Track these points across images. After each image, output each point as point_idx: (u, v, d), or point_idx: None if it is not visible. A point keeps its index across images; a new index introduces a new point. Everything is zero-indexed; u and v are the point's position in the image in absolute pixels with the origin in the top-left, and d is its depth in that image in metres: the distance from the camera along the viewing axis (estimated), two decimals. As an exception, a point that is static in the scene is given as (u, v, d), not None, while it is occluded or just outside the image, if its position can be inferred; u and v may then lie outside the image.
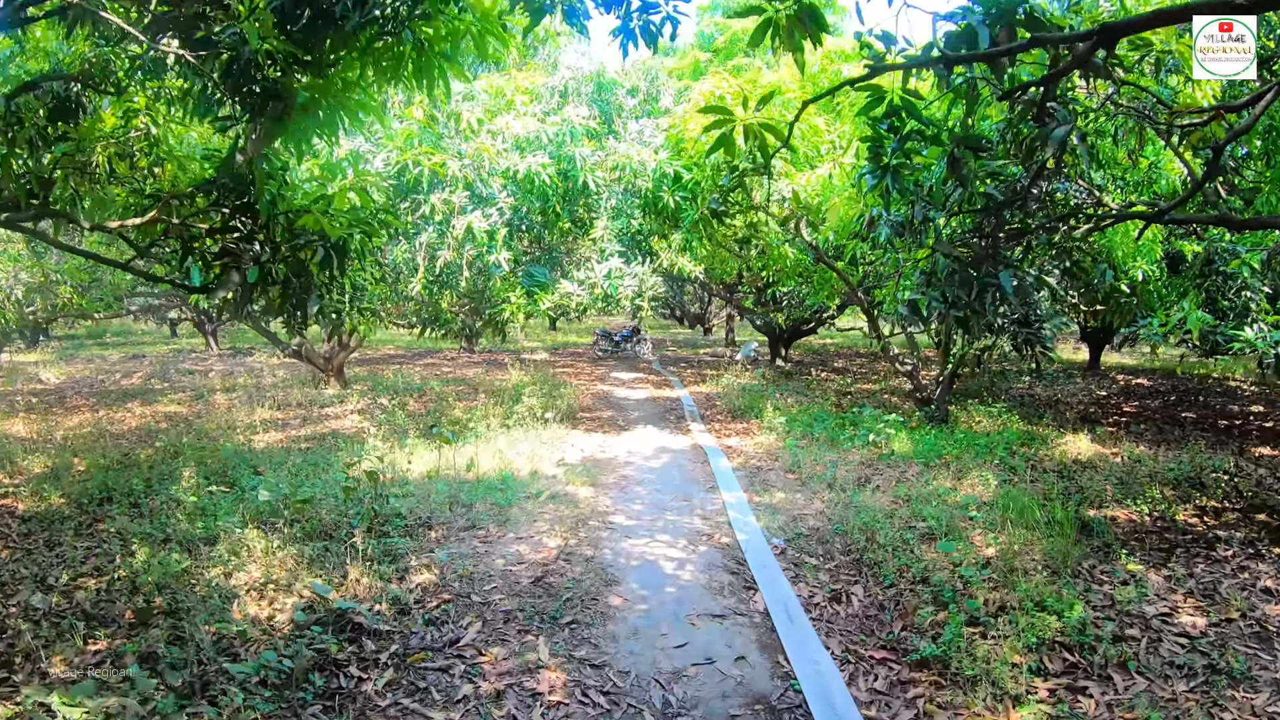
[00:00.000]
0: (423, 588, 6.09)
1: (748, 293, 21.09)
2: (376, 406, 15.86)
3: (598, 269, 10.22)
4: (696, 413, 14.40)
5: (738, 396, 15.79)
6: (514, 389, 16.85)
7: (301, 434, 13.46)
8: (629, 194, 11.00)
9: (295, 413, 15.61)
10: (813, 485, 9.29)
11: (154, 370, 23.25)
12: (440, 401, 15.69)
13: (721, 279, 17.55)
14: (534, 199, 10.24)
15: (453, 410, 14.50)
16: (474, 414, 13.48)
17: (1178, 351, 27.68)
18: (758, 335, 33.40)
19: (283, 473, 9.68)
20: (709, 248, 13.86)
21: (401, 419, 13.76)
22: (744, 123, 4.85)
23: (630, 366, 22.66)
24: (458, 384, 18.64)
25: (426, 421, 13.77)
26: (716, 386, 17.84)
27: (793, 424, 12.74)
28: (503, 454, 10.07)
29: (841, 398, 16.63)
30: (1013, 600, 5.95)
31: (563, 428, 12.25)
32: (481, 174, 9.84)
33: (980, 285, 5.53)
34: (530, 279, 10.65)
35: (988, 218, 5.77)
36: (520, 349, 29.55)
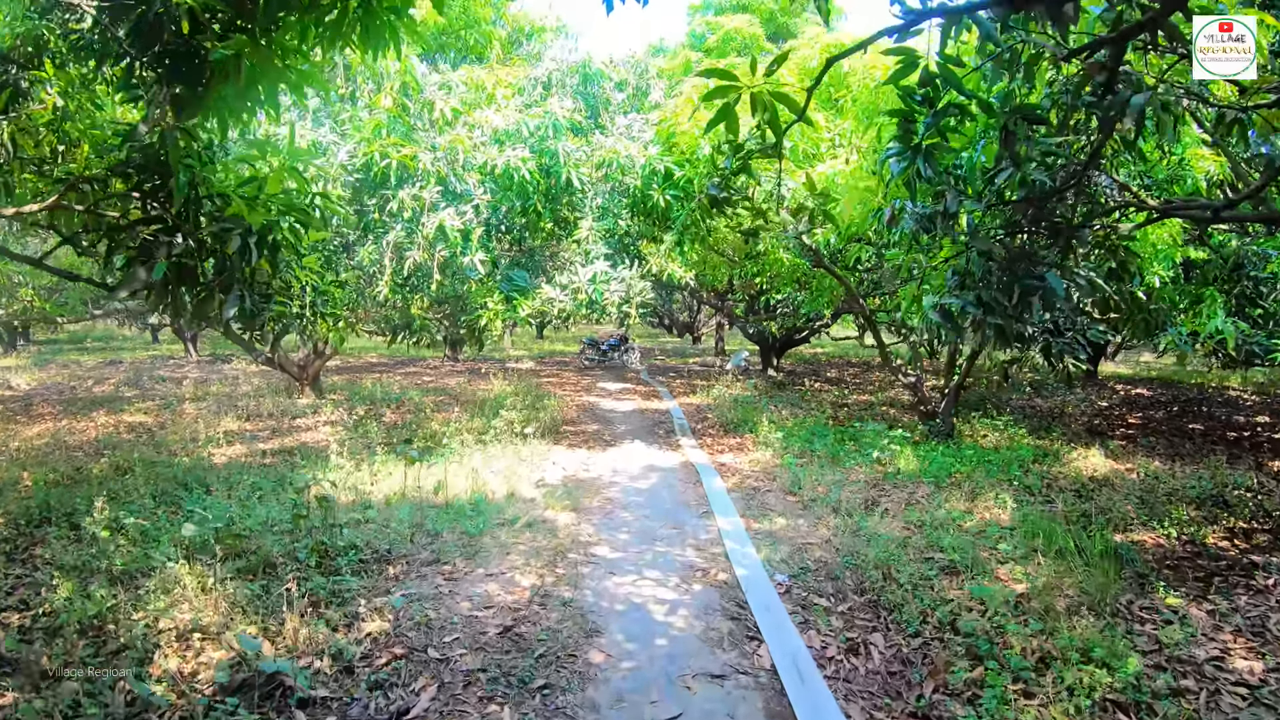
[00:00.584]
0: (373, 638, 5.17)
1: (739, 300, 20.23)
2: (350, 418, 14.93)
3: (582, 273, 9.32)
4: (687, 426, 13.50)
5: (730, 408, 14.91)
6: (495, 400, 15.94)
7: (267, 447, 12.55)
8: (616, 193, 10.13)
9: (264, 424, 14.69)
10: (816, 509, 8.41)
11: (128, 377, 22.24)
12: (418, 413, 14.76)
13: (713, 286, 16.69)
14: (513, 197, 9.35)
15: (429, 423, 13.57)
16: (451, 427, 12.56)
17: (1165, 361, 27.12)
18: (748, 344, 32.60)
19: (237, 492, 8.75)
20: (700, 252, 12.99)
21: (374, 432, 12.82)
22: (752, 89, 3.98)
23: (618, 376, 21.75)
24: (438, 394, 17.71)
25: (400, 435, 12.84)
26: (707, 398, 16.95)
27: (790, 439, 11.87)
28: (477, 473, 9.15)
29: (838, 410, 15.80)
30: (1055, 650, 5.10)
31: (544, 443, 11.33)
32: (456, 168, 8.95)
33: (1022, 288, 4.66)
34: (510, 283, 9.75)
35: (1027, 210, 4.91)
36: (506, 357, 28.62)
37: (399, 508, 7.82)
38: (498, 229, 10.04)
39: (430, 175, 8.61)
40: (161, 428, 14.28)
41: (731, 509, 8.29)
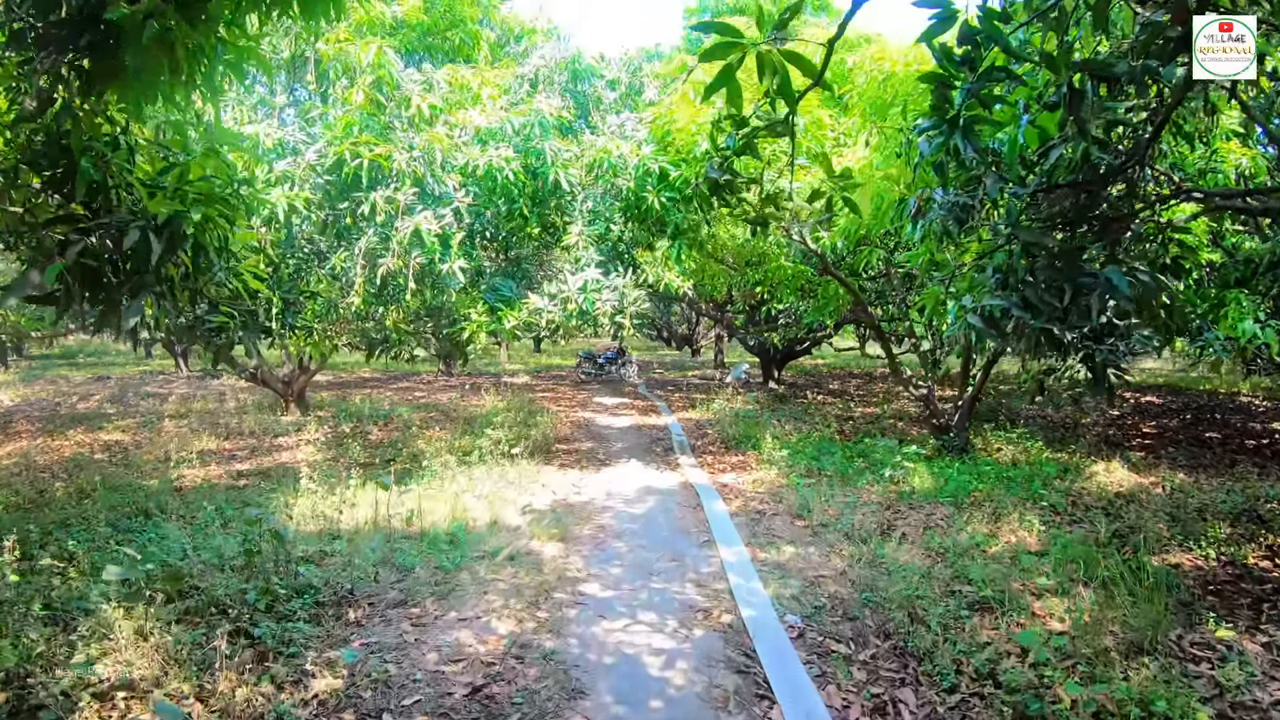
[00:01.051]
0: (320, 700, 4.40)
1: (739, 311, 19.51)
2: (333, 436, 14.19)
3: (571, 281, 8.59)
4: (686, 443, 12.75)
5: (731, 424, 14.15)
6: (487, 416, 15.19)
7: (243, 468, 11.84)
8: (608, 195, 9.42)
9: (244, 442, 13.98)
10: (827, 535, 7.66)
11: (113, 393, 21.53)
12: (405, 431, 14.03)
13: (711, 296, 15.98)
14: (497, 200, 8.64)
15: (415, 441, 12.83)
16: (434, 446, 11.83)
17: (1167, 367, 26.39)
18: (748, 356, 31.84)
19: (199, 519, 8.01)
20: (698, 259, 12.27)
21: (355, 451, 12.08)
22: (759, 47, 3.26)
23: (614, 390, 21.00)
24: (428, 410, 16.97)
25: (383, 454, 12.10)
26: (707, 412, 16.19)
27: (796, 456, 11.12)
28: (459, 498, 8.40)
29: (844, 423, 15.06)
30: (1112, 705, 4.37)
31: (534, 464, 10.57)
32: (434, 169, 8.23)
33: (1074, 287, 3.92)
34: (494, 293, 9.02)
35: (1079, 195, 4.18)
36: (502, 371, 27.89)
37: (369, 539, 7.06)
38: (481, 235, 9.32)
39: (406, 176, 7.89)
40: (138, 446, 13.61)
41: (735, 537, 7.54)
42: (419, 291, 8.26)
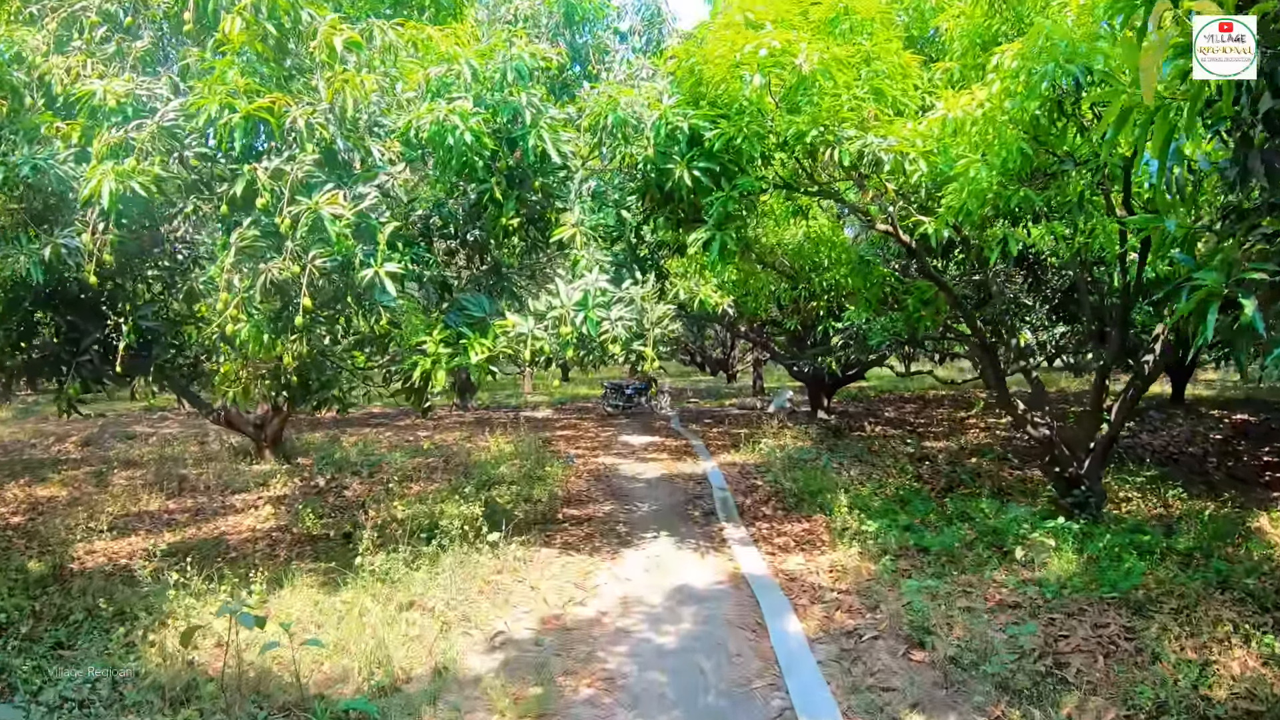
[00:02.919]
0: None
1: (787, 331, 16.39)
2: (305, 491, 11.37)
3: (565, 292, 5.60)
4: (731, 502, 9.64)
5: (785, 470, 11.05)
6: (490, 463, 12.24)
7: (170, 540, 9.13)
8: (617, 172, 6.49)
9: (195, 501, 11.27)
10: (969, 684, 4.57)
11: (92, 434, 18.96)
12: (387, 486, 11.15)
13: (755, 314, 12.94)
14: (453, 176, 5.74)
15: (392, 504, 9.92)
16: (414, 511, 8.91)
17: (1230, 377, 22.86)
18: (788, 380, 28.60)
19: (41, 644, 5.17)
20: (743, 266, 9.24)
21: (310, 521, 9.20)
22: None
23: (644, 426, 17.89)
24: (427, 454, 14.08)
25: (343, 523, 9.20)
26: (753, 453, 13.08)
27: (883, 525, 8.00)
28: (400, 617, 5.43)
29: (920, 465, 11.90)
30: None
31: (527, 544, 7.54)
32: (352, 131, 5.35)
33: None
34: (460, 314, 6.08)
35: None
36: (523, 403, 24.96)
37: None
38: (441, 231, 6.40)
39: (306, 137, 5.01)
40: (70, 505, 11.02)
41: (826, 699, 4.45)
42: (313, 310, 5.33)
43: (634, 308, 5.82)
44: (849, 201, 7.03)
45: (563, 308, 5.65)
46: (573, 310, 5.64)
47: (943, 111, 6.12)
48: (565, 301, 5.64)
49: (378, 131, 5.73)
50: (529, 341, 5.76)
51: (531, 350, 5.76)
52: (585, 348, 5.94)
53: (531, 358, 5.72)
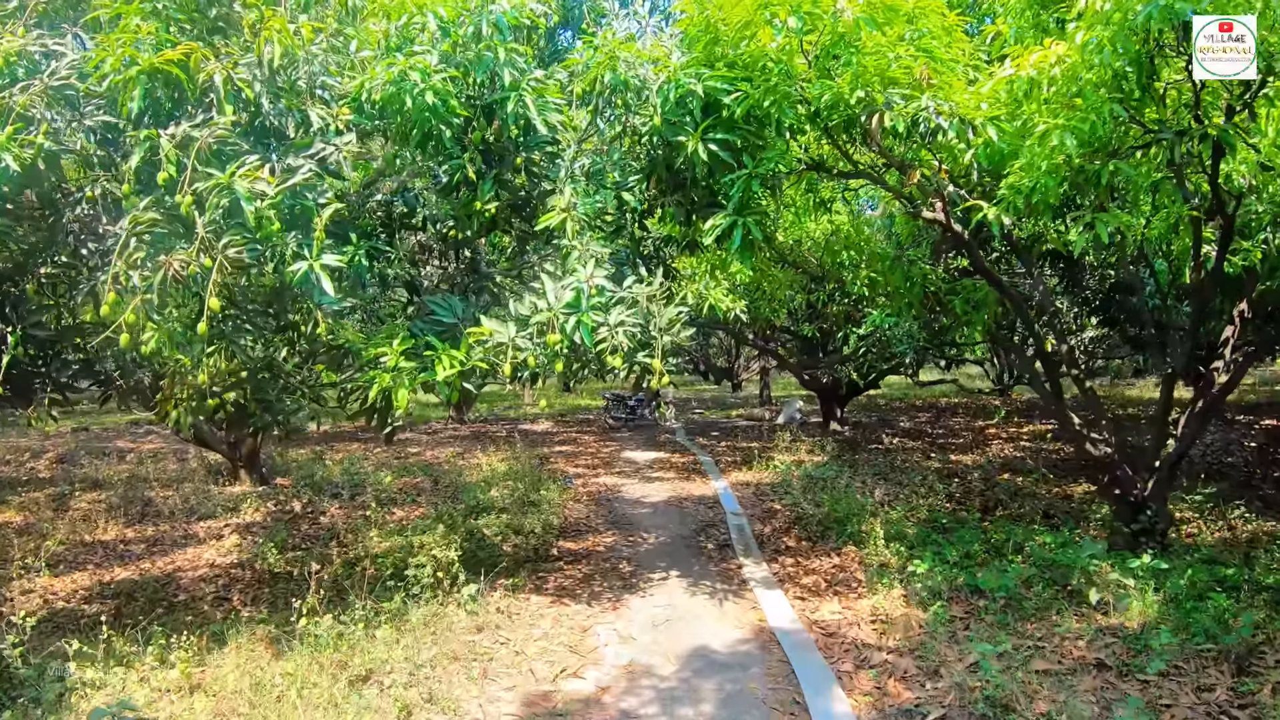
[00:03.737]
0: None
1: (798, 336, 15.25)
2: (277, 517, 10.24)
3: (552, 292, 4.45)
4: (748, 530, 8.48)
5: (805, 491, 9.90)
6: (483, 482, 11.10)
7: (118, 578, 8.09)
8: (616, 146, 5.36)
9: (156, 529, 10.16)
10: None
11: (71, 450, 17.80)
12: (367, 511, 10.00)
13: (768, 320, 11.79)
14: (415, 147, 4.61)
15: (368, 535, 8.78)
16: (389, 545, 7.77)
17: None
18: (796, 389, 27.41)
19: None
20: (760, 265, 8.10)
21: (273, 557, 8.07)
22: None
23: (648, 439, 16.69)
24: (416, 472, 12.94)
25: (310, 559, 8.04)
26: (767, 470, 11.91)
27: (922, 556, 6.84)
28: (346, 701, 4.28)
29: (950, 482, 10.76)
30: None
31: (514, 591, 6.38)
32: (289, 93, 4.23)
33: None
34: (429, 321, 4.95)
35: None
36: (523, 415, 23.77)
37: None
38: (404, 220, 5.27)
39: (225, 97, 3.90)
40: (23, 531, 9.91)
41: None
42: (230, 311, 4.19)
43: (638, 311, 4.68)
44: (892, 186, 5.89)
45: (550, 311, 4.51)
46: (562, 314, 4.49)
47: (1011, 71, 4.99)
48: (552, 303, 4.50)
49: (323, 95, 4.61)
50: (509, 352, 4.62)
51: (512, 363, 4.62)
52: (580, 360, 4.80)
53: (513, 372, 4.57)
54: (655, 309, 4.68)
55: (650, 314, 4.68)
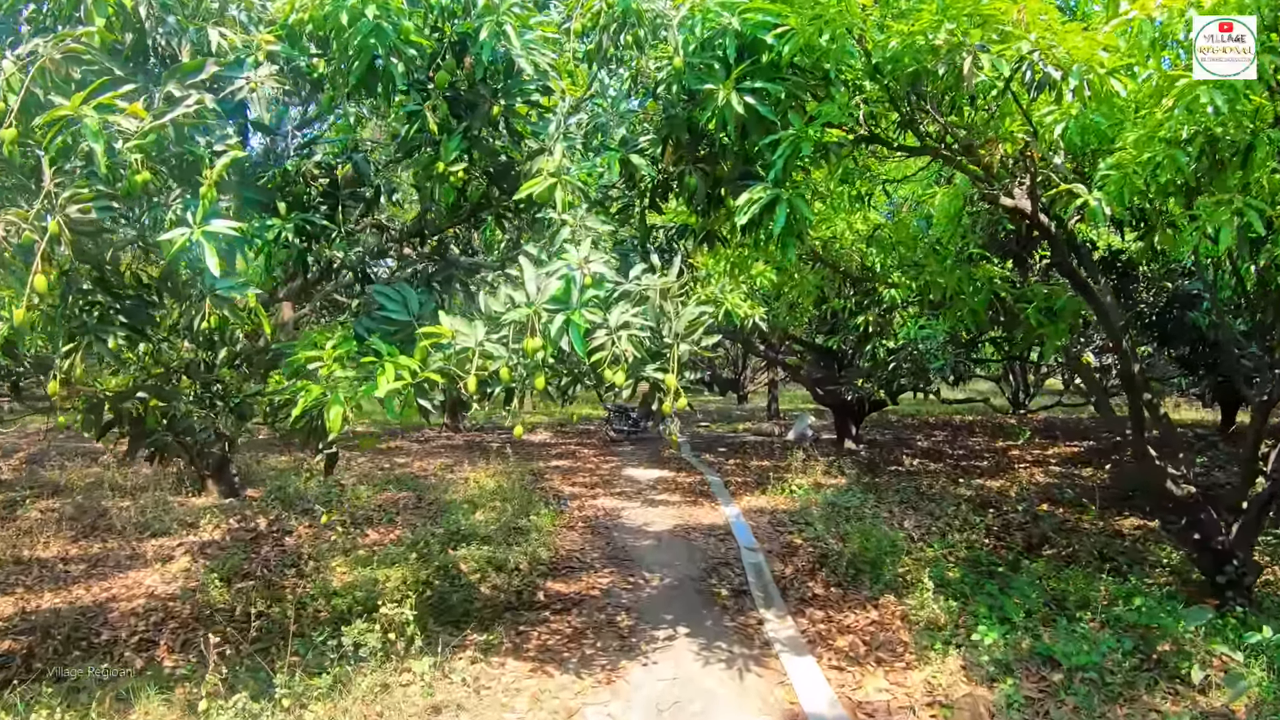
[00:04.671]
0: None
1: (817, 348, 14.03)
2: (235, 535, 9.06)
3: (533, 280, 3.26)
4: (768, 572, 7.22)
5: (828, 522, 8.68)
6: (468, 502, 9.90)
7: (51, 603, 6.97)
8: (620, 100, 4.18)
9: (107, 544, 9.02)
10: None
11: (45, 450, 16.61)
12: (340, 529, 8.81)
13: (786, 328, 10.57)
14: (351, 86, 3.42)
15: (332, 564, 7.60)
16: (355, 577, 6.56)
17: None
18: (804, 404, 26.15)
19: None
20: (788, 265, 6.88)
21: (215, 592, 6.88)
22: None
23: (651, 455, 15.41)
24: (400, 487, 11.74)
25: (258, 597, 6.83)
26: (782, 495, 10.68)
27: (991, 629, 5.60)
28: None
29: (983, 512, 9.55)
30: None
31: (487, 651, 5.15)
32: (184, 8, 3.07)
33: None
34: (380, 319, 3.75)
35: None
36: (527, 424, 22.50)
37: None
38: (352, 189, 4.06)
39: (96, 9, 2.74)
40: (-48, 548, 8.80)
41: None
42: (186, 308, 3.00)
43: (648, 310, 3.47)
44: (963, 164, 4.68)
45: (529, 306, 3.30)
46: (546, 310, 3.28)
47: (1135, 11, 3.79)
48: (533, 295, 3.29)
49: (240, 17, 3.43)
50: (473, 360, 3.41)
51: (479, 375, 3.41)
52: (570, 372, 3.60)
53: (478, 387, 3.37)
54: (671, 308, 3.47)
55: (664, 314, 3.47)
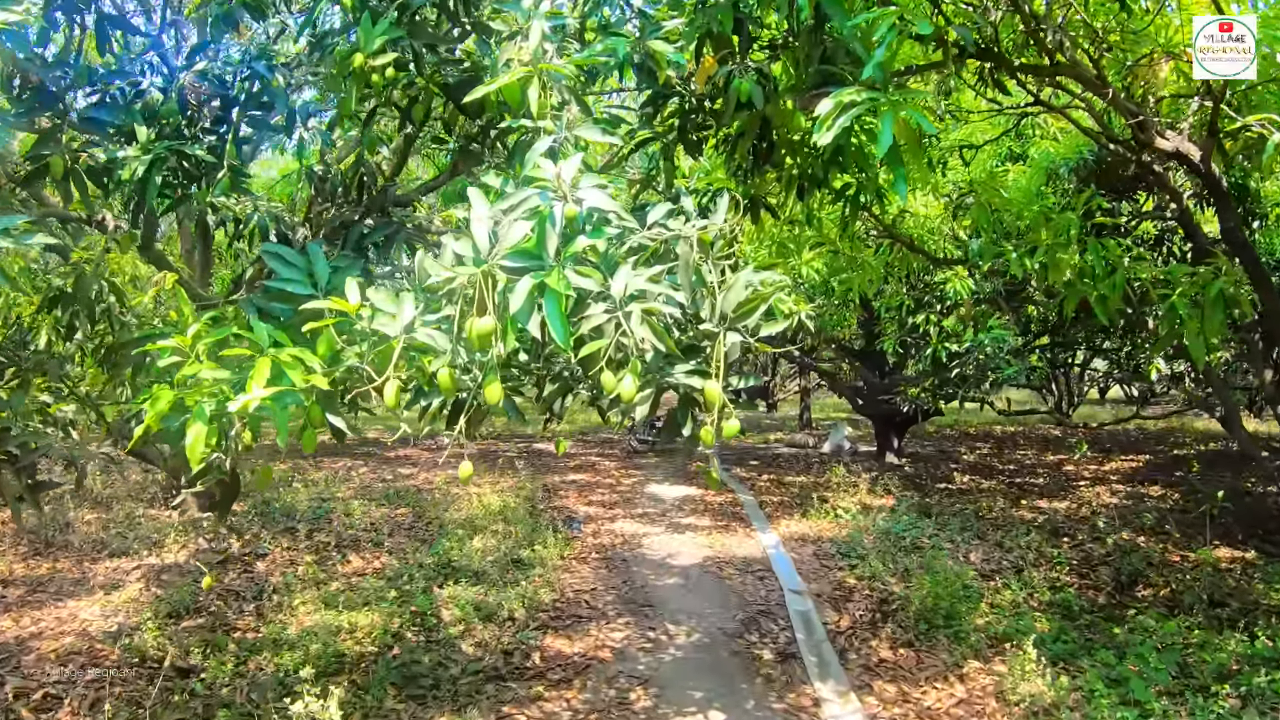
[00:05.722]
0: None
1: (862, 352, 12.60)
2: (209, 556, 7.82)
3: (485, 221, 1.89)
4: (817, 625, 5.77)
5: (883, 556, 7.25)
6: (465, 527, 8.58)
7: None
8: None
9: (58, 564, 7.86)
10: None
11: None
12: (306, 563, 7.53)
13: (832, 329, 9.15)
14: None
15: (298, 599, 6.31)
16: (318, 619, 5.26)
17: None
18: (834, 412, 24.60)
19: None
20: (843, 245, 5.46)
21: (152, 633, 5.60)
22: None
23: (677, 469, 13.90)
24: (397, 501, 10.46)
25: (202, 640, 5.54)
26: (826, 518, 9.21)
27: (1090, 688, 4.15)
28: None
29: (1056, 544, 8.10)
30: None
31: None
32: None
33: None
34: (276, 290, 2.41)
35: None
36: (541, 432, 21.13)
37: None
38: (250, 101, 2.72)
39: None
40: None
41: None
42: None
43: (678, 275, 2.08)
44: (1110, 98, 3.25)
45: (479, 263, 1.93)
46: (504, 270, 1.91)
47: None
48: (482, 245, 1.92)
49: None
50: (393, 356, 2.05)
51: (403, 379, 2.07)
52: (550, 376, 2.22)
53: (397, 397, 2.02)
54: (712, 273, 2.09)
55: (703, 284, 2.09)
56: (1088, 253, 4.02)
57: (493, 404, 1.89)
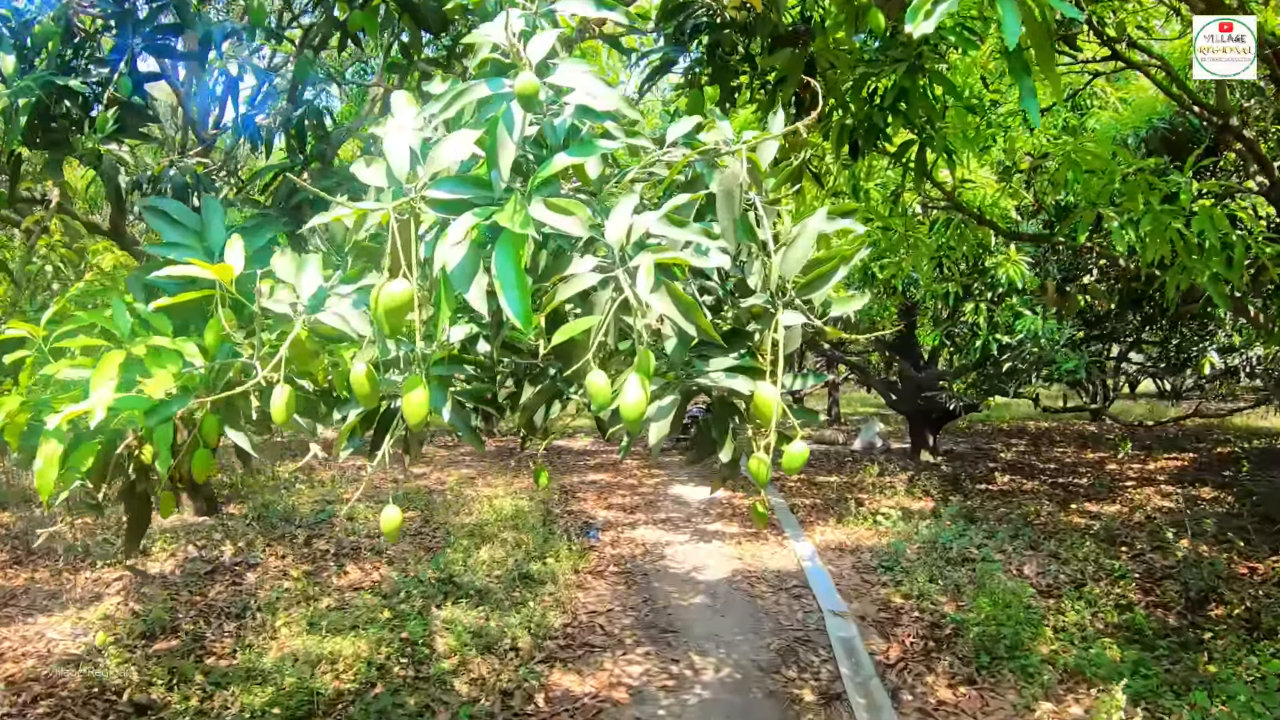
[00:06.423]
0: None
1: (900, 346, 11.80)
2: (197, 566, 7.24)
3: (406, 131, 1.19)
4: (864, 656, 5.01)
5: (930, 571, 6.48)
6: (471, 533, 7.91)
7: None
8: None
9: (36, 574, 7.37)
10: None
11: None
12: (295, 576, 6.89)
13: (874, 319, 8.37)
14: None
15: (280, 619, 5.66)
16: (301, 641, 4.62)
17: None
18: (861, 406, 23.70)
19: None
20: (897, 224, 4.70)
21: (114, 663, 4.97)
22: None
23: (703, 468, 13.15)
24: (411, 503, 9.84)
25: (166, 672, 4.91)
26: (865, 526, 8.44)
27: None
28: None
29: (1114, 553, 7.32)
30: None
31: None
32: None
33: None
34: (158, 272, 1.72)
35: None
36: (564, 428, 20.49)
37: None
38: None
39: None
40: None
41: None
42: None
43: (716, 219, 1.35)
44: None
45: (397, 195, 1.20)
46: (432, 201, 1.18)
47: None
48: (398, 169, 1.20)
49: None
50: (287, 344, 1.33)
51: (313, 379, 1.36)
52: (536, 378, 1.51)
53: (289, 409, 1.31)
54: (764, 216, 1.36)
55: (750, 235, 1.36)
56: (1194, 222, 3.23)
57: (414, 423, 1.17)
